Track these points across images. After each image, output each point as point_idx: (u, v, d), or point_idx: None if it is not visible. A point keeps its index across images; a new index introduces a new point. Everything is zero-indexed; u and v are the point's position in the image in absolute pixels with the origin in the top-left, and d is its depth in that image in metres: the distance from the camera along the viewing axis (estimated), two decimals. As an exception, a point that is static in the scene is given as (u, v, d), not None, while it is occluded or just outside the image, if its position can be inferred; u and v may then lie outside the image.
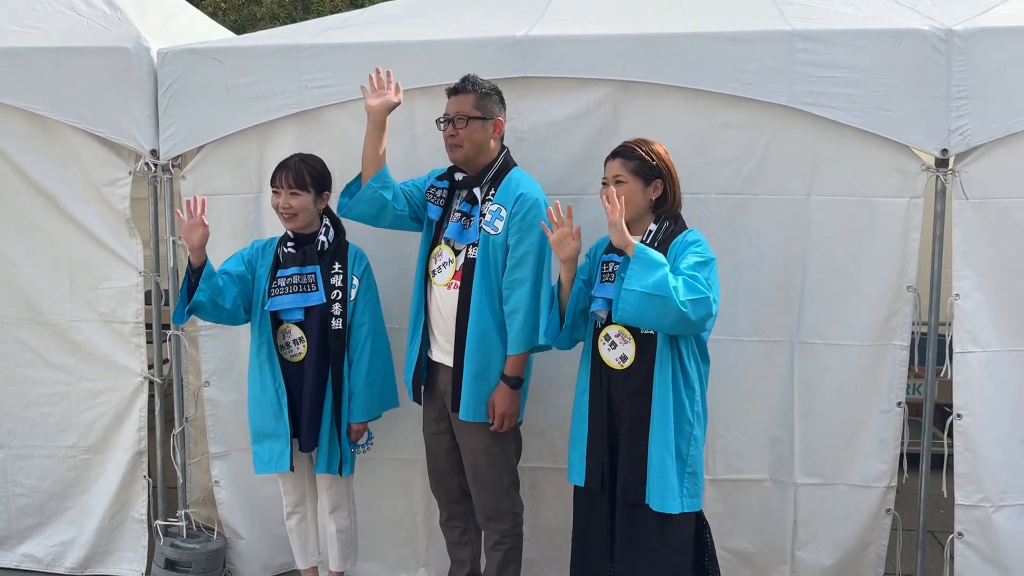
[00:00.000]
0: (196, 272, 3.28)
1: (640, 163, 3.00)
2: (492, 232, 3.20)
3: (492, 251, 3.20)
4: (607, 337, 3.04)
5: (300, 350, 3.41)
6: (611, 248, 3.07)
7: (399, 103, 3.26)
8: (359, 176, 3.35)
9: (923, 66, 3.27)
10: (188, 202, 3.28)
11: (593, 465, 3.06)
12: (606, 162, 3.07)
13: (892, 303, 3.44)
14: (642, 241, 2.98)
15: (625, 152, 3.03)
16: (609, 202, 2.90)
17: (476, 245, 3.22)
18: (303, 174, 3.36)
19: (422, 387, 3.47)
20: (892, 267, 3.42)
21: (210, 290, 3.28)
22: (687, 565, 3.01)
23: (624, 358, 3.00)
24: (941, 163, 3.35)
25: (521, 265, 3.19)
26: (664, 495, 2.93)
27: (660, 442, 2.93)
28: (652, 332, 2.95)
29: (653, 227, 3.03)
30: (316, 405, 3.39)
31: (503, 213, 3.20)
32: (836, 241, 3.45)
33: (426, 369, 3.43)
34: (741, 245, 3.49)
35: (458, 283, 3.25)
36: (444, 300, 3.30)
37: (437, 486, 3.54)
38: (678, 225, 3.07)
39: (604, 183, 3.05)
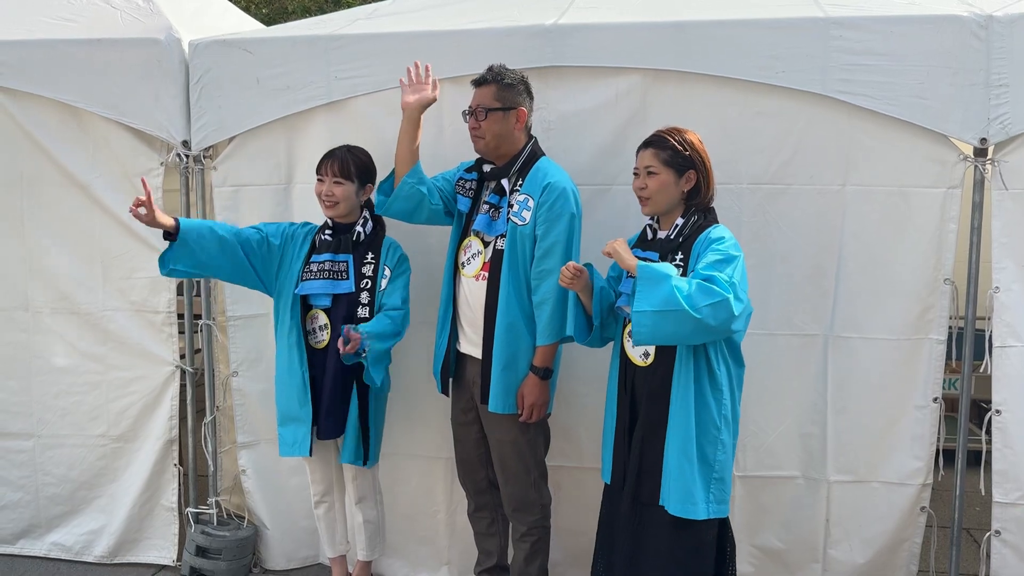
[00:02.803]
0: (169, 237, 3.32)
1: (673, 153, 2.91)
2: (520, 223, 3.18)
3: (520, 242, 3.18)
4: (631, 333, 2.96)
5: (324, 337, 3.42)
6: (638, 243, 3.02)
7: (435, 99, 3.26)
8: (391, 174, 3.35)
9: (961, 53, 3.20)
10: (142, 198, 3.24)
11: (617, 462, 3.01)
12: (638, 152, 2.99)
13: (928, 296, 3.37)
14: (668, 235, 2.92)
15: (657, 141, 2.94)
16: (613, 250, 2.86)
17: (504, 236, 3.20)
18: (348, 164, 3.39)
19: (450, 379, 3.46)
20: (928, 259, 3.35)
21: (185, 264, 3.35)
22: (705, 571, 2.91)
23: (647, 354, 2.93)
24: (980, 152, 3.27)
25: (549, 255, 3.16)
26: (683, 499, 2.81)
27: (678, 445, 2.82)
28: None
29: (680, 221, 2.93)
30: (336, 393, 3.40)
31: (530, 203, 3.17)
32: (871, 232, 3.38)
33: (454, 361, 3.42)
34: (773, 236, 3.44)
35: (486, 274, 3.23)
36: (472, 292, 3.29)
37: (465, 477, 3.53)
38: (707, 219, 2.95)
39: (636, 173, 2.97)
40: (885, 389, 3.45)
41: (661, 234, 2.97)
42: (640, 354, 2.94)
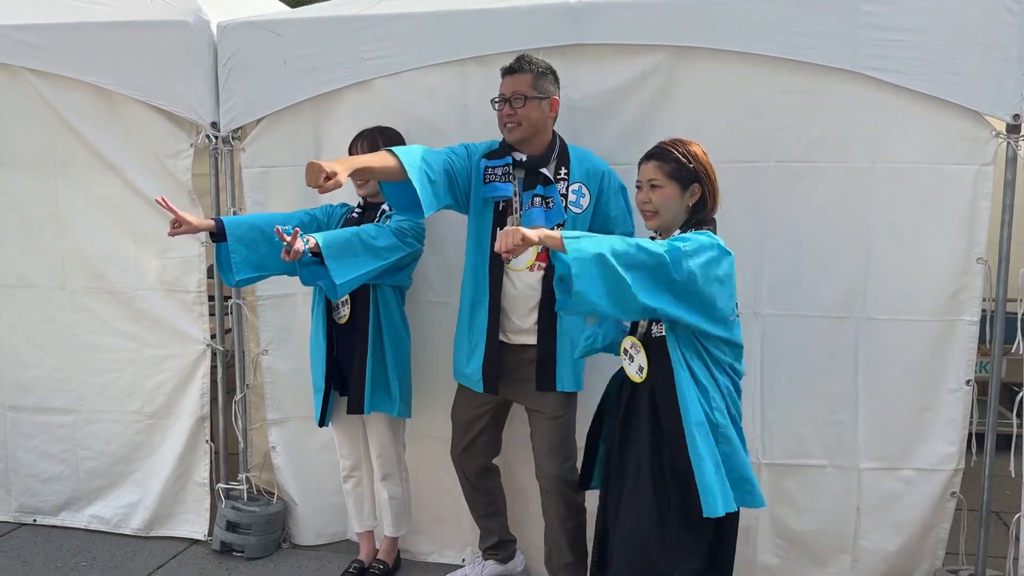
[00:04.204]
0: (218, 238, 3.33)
1: (676, 166, 2.78)
2: (579, 211, 3.21)
3: (579, 228, 3.19)
4: (625, 351, 2.86)
5: (346, 312, 3.49)
6: None
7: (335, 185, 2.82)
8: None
9: (994, 28, 3.11)
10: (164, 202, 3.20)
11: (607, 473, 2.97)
12: (640, 164, 2.88)
13: (961, 276, 3.30)
14: None
15: (660, 154, 2.82)
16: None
17: (562, 225, 3.19)
18: (377, 143, 3.41)
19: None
20: (961, 238, 3.28)
21: (246, 266, 3.34)
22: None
23: (641, 370, 2.80)
24: (1012, 129, 3.19)
25: (617, 223, 3.29)
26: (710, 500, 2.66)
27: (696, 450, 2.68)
28: (661, 336, 2.73)
29: (678, 233, 2.80)
30: (361, 367, 3.43)
31: (585, 190, 3.22)
32: (902, 211, 3.31)
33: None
34: (802, 215, 3.38)
35: (543, 264, 3.21)
36: (526, 282, 3.24)
37: (466, 464, 3.50)
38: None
39: (638, 186, 2.86)
40: (917, 372, 3.39)
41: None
42: (635, 371, 2.83)
